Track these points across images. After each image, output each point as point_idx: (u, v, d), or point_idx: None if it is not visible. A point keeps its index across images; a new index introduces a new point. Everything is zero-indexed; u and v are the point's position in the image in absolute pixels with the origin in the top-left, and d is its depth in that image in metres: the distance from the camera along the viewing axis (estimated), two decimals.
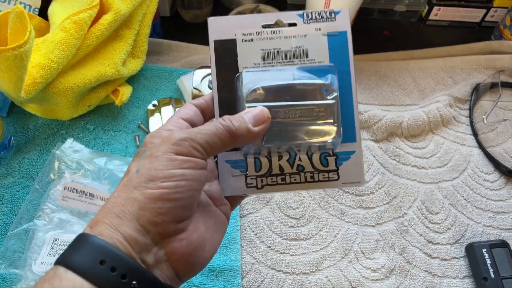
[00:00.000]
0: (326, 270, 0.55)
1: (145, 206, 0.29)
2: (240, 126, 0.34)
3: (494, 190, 0.63)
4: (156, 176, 0.30)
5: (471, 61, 0.75)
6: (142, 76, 0.70)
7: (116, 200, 0.30)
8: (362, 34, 0.80)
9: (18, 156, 0.60)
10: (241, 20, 0.39)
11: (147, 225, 0.29)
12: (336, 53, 0.38)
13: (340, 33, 0.38)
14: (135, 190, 0.30)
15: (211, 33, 0.39)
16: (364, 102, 0.70)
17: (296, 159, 0.38)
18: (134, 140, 0.64)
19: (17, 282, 0.49)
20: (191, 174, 0.31)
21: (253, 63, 0.38)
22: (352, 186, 0.39)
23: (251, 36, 0.38)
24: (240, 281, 0.53)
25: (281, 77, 0.37)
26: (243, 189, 0.38)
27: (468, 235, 0.59)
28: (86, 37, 0.57)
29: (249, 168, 0.38)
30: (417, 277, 0.55)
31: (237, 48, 0.38)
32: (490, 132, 0.68)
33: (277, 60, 0.38)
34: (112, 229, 0.28)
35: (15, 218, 0.54)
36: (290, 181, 0.38)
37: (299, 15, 0.39)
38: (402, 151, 0.65)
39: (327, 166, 0.38)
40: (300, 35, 0.39)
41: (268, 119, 0.35)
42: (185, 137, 0.31)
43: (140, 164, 0.31)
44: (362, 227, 0.59)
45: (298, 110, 0.36)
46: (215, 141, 0.32)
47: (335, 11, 0.39)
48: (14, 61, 0.47)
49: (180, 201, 0.30)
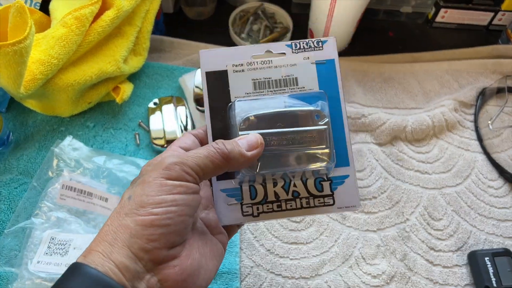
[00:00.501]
0: (326, 275, 0.54)
1: (136, 233, 0.29)
2: (233, 149, 0.34)
3: (498, 197, 0.62)
4: (146, 202, 0.30)
5: (478, 65, 0.74)
6: (144, 74, 0.69)
7: (108, 228, 0.30)
8: (367, 35, 0.79)
9: (17, 153, 0.59)
10: (232, 51, 0.40)
11: (139, 252, 0.29)
12: (325, 80, 0.40)
13: (328, 61, 0.40)
14: (126, 217, 0.30)
15: (202, 65, 0.40)
16: (368, 105, 0.69)
17: (291, 185, 0.39)
18: (134, 139, 0.63)
19: (13, 281, 0.48)
20: (182, 199, 0.31)
21: (245, 92, 0.39)
22: (348, 211, 0.39)
23: (242, 67, 0.40)
24: (238, 285, 0.52)
25: (272, 105, 0.38)
26: (239, 217, 0.38)
27: (471, 243, 0.58)
28: (87, 33, 0.56)
29: (245, 196, 0.38)
30: (418, 284, 0.54)
31: (229, 79, 0.39)
32: (495, 138, 0.67)
33: (268, 89, 0.39)
34: (104, 257, 0.29)
35: (12, 216, 0.53)
36: (286, 208, 0.38)
37: (288, 45, 0.40)
38: (405, 155, 0.64)
39: (322, 191, 0.39)
40: (289, 64, 0.40)
41: (261, 145, 0.36)
42: (176, 161, 0.32)
43: (132, 191, 0.31)
44: (364, 232, 0.58)
45: (291, 137, 0.37)
46: (207, 164, 0.33)
47: (322, 40, 0.40)
48: (13, 57, 0.46)
49: (172, 227, 0.30)
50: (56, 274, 0.48)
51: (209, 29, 0.79)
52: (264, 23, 0.78)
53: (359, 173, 0.62)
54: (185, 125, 0.62)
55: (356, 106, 0.68)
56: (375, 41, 0.79)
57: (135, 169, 0.57)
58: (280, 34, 0.77)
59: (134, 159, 0.59)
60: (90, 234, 0.51)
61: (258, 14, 0.79)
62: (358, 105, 0.68)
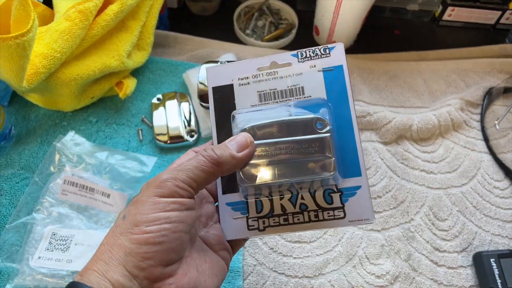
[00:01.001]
0: (329, 274, 0.54)
1: (131, 251, 0.29)
2: (223, 153, 0.34)
3: (504, 198, 0.61)
4: (140, 221, 0.30)
5: (485, 64, 0.73)
6: (147, 69, 0.68)
7: (104, 247, 0.30)
8: (373, 33, 0.78)
9: (19, 147, 0.59)
10: (237, 65, 0.40)
11: (134, 270, 0.29)
12: (333, 87, 0.38)
13: (336, 68, 0.39)
14: (121, 236, 0.30)
15: (209, 81, 0.40)
16: (373, 103, 0.68)
17: (298, 197, 0.37)
18: (137, 134, 0.62)
19: (14, 276, 0.48)
20: (176, 216, 0.31)
21: (250, 104, 0.39)
22: (360, 224, 0.37)
23: (247, 80, 0.39)
24: (241, 283, 0.52)
25: (273, 115, 0.37)
26: (245, 231, 0.37)
27: (476, 244, 0.57)
28: (91, 27, 0.56)
29: (250, 209, 0.37)
30: (423, 285, 0.54)
31: (235, 92, 0.39)
32: (501, 138, 0.66)
33: (274, 100, 0.39)
34: (100, 275, 0.29)
35: (14, 211, 0.53)
36: (293, 221, 0.37)
37: (293, 55, 0.40)
38: (411, 154, 0.64)
39: (331, 203, 0.37)
40: (295, 73, 0.39)
41: (251, 143, 0.36)
42: (168, 177, 0.32)
43: (127, 210, 0.32)
44: (368, 231, 0.57)
45: (292, 146, 0.36)
46: (198, 175, 0.33)
47: (329, 47, 0.39)
48: (16, 50, 0.46)
49: (166, 244, 0.30)
50: (57, 270, 0.47)
51: (213, 25, 0.78)
52: (269, 19, 0.77)
53: None
54: (188, 121, 0.62)
55: (362, 105, 0.67)
56: (381, 39, 0.79)
57: (138, 165, 0.57)
58: (285, 31, 0.76)
59: (136, 154, 0.58)
60: (92, 230, 0.51)
61: (263, 10, 0.78)
62: (363, 103, 0.67)
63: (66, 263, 0.48)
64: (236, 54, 0.70)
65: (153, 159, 0.58)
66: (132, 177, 0.55)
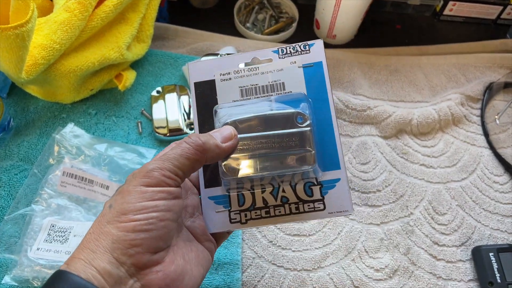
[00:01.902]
0: (328, 267, 0.54)
1: (118, 239, 0.29)
2: (208, 141, 0.34)
3: (503, 192, 0.61)
4: (128, 210, 0.30)
5: (485, 59, 0.73)
6: (147, 62, 0.68)
7: (90, 236, 0.30)
8: (373, 27, 0.78)
9: (17, 139, 0.59)
10: (220, 61, 0.41)
11: (121, 256, 0.29)
12: (313, 83, 0.39)
13: (315, 64, 0.40)
14: (108, 224, 0.30)
15: (191, 77, 0.40)
16: (374, 97, 0.68)
17: (279, 190, 0.38)
18: (136, 127, 0.62)
19: (13, 267, 0.47)
20: (164, 204, 0.31)
21: (232, 100, 0.40)
22: (339, 215, 0.38)
23: (229, 75, 0.40)
24: (240, 276, 0.52)
25: (254, 109, 0.38)
26: (227, 224, 0.38)
27: (475, 238, 0.57)
28: (90, 19, 0.56)
29: (232, 203, 0.38)
30: (421, 278, 0.54)
31: (216, 88, 0.40)
32: (501, 133, 0.66)
33: (255, 95, 0.40)
34: (86, 264, 0.29)
35: (12, 202, 0.53)
36: (275, 214, 0.38)
37: (274, 51, 0.41)
38: (410, 149, 0.64)
39: (312, 196, 0.38)
40: (276, 69, 0.40)
41: (235, 136, 0.36)
42: (154, 167, 0.32)
43: (113, 199, 0.32)
44: (367, 225, 0.57)
45: (273, 140, 0.36)
46: (183, 163, 0.33)
47: (309, 44, 0.40)
48: (15, 41, 0.45)
49: (154, 232, 0.30)
50: (56, 262, 0.47)
51: (213, 18, 0.78)
52: (269, 13, 0.77)
53: (363, 165, 0.62)
54: (188, 114, 0.62)
55: (362, 98, 0.67)
56: (382, 33, 0.78)
57: (137, 157, 0.57)
58: (286, 24, 0.76)
59: (136, 147, 0.58)
60: (91, 222, 0.51)
61: (263, 3, 0.78)
62: (363, 97, 0.67)
63: (65, 255, 0.48)
64: (236, 47, 0.70)
65: (152, 151, 0.58)
66: (131, 169, 0.55)
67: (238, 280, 0.51)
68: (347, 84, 0.69)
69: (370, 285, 0.53)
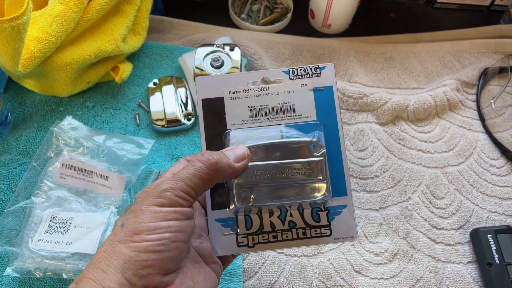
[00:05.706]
0: (328, 253, 0.54)
1: (130, 259, 0.29)
2: (221, 160, 0.34)
3: (500, 176, 0.61)
4: (140, 229, 0.30)
5: (480, 45, 0.74)
6: (143, 54, 0.68)
7: (101, 255, 0.30)
8: (368, 16, 0.78)
9: (15, 133, 0.59)
10: (228, 78, 0.39)
11: (132, 277, 0.29)
12: (323, 107, 0.39)
13: (326, 88, 0.39)
14: (120, 244, 0.30)
15: (199, 92, 0.39)
16: (370, 85, 0.68)
17: (287, 215, 0.38)
18: (134, 119, 0.62)
19: (14, 259, 0.48)
20: (177, 225, 0.31)
21: (241, 120, 0.39)
22: (345, 242, 0.39)
23: (239, 94, 0.39)
24: (241, 263, 0.52)
25: (268, 134, 0.38)
26: (234, 248, 0.37)
27: (473, 221, 0.58)
28: (85, 11, 0.56)
29: (240, 226, 0.38)
30: (421, 261, 0.54)
31: (225, 106, 0.39)
32: (497, 117, 0.67)
33: (265, 116, 0.39)
34: (96, 284, 0.28)
35: (12, 195, 0.53)
36: (282, 238, 0.38)
37: (285, 71, 0.39)
38: (407, 134, 0.64)
39: (319, 221, 0.38)
40: (286, 91, 0.39)
41: (248, 156, 0.36)
42: (167, 187, 0.31)
43: (125, 218, 0.31)
44: (366, 210, 0.58)
45: (286, 168, 0.36)
46: (196, 183, 0.32)
47: (320, 67, 0.39)
48: (11, 33, 0.45)
49: (166, 253, 0.30)
50: (57, 252, 0.47)
51: (208, 10, 0.78)
52: (264, 3, 0.77)
53: (361, 152, 0.62)
54: (185, 105, 0.62)
55: (358, 86, 0.67)
56: (377, 21, 0.78)
57: (135, 148, 0.57)
58: (281, 15, 0.76)
59: (134, 137, 0.58)
60: (91, 213, 0.51)
61: None
62: (360, 85, 0.67)
63: (66, 245, 0.48)
64: (231, 38, 0.70)
65: (151, 142, 0.58)
66: (130, 160, 0.55)
67: (239, 267, 0.52)
68: (343, 73, 0.69)
69: (370, 270, 0.53)
